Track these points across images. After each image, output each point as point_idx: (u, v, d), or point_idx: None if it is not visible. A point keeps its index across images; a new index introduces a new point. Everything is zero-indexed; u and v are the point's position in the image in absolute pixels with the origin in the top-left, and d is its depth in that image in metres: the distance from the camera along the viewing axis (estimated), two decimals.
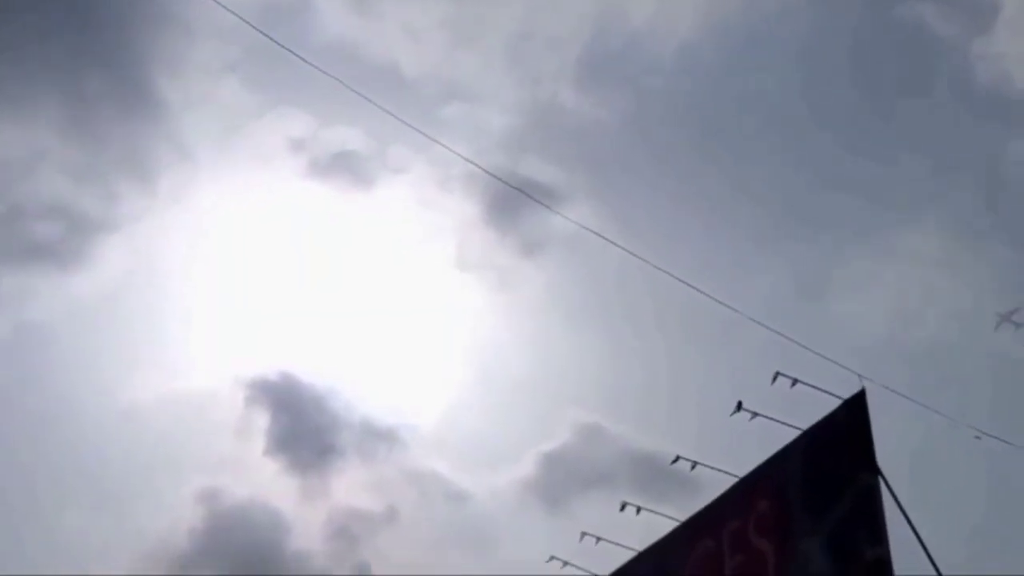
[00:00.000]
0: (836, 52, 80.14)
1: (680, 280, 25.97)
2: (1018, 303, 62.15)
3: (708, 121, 79.08)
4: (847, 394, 24.56)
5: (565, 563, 30.60)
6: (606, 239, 26.15)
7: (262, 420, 64.91)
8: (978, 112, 77.30)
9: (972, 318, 70.43)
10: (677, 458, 27.60)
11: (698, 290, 26.14)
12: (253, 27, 28.17)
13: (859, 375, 24.47)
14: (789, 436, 25.69)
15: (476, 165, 31.76)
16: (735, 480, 27.13)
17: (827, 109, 78.92)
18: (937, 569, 22.01)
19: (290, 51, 28.51)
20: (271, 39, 28.46)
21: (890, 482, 22.76)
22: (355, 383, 72.94)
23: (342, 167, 74.90)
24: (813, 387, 25.20)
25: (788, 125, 79.54)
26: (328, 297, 73.69)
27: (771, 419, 25.54)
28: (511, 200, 70.95)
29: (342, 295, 73.65)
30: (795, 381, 25.34)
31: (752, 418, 25.65)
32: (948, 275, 72.50)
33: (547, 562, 29.53)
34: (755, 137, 79.24)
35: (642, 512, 29.38)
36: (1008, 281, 71.75)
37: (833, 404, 24.82)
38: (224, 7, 26.59)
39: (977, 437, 27.43)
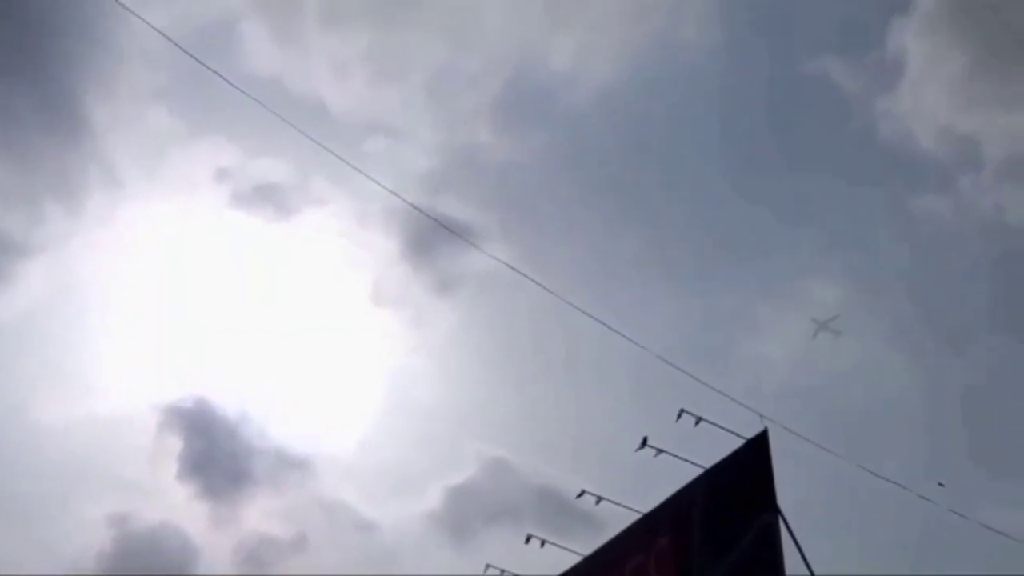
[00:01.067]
0: (747, 105, 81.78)
1: (589, 316, 25.81)
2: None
3: (622, 166, 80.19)
4: (750, 434, 24.51)
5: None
6: (520, 272, 25.89)
7: (176, 445, 64.41)
8: (883, 166, 79.05)
9: (871, 365, 71.66)
10: (582, 492, 27.34)
11: (606, 326, 25.99)
12: (186, 52, 27.61)
13: (761, 416, 24.46)
14: (693, 473, 25.57)
15: (400, 197, 31.26)
16: (638, 516, 26.94)
17: (736, 160, 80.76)
18: None
19: (221, 76, 28.01)
20: (203, 64, 27.91)
21: (789, 521, 22.70)
22: (270, 411, 72.74)
23: (265, 197, 74.90)
24: (717, 426, 25.14)
25: (698, 174, 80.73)
26: (247, 325, 72.86)
27: (675, 456, 25.40)
28: (428, 237, 70.97)
29: (261, 324, 73.02)
30: (699, 419, 25.32)
31: (657, 455, 25.49)
32: (849, 323, 73.78)
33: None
34: (666, 184, 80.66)
35: (546, 545, 29.03)
36: (901, 329, 73.26)
37: (736, 444, 24.75)
38: (157, 30, 26.19)
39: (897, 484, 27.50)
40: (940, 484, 28.15)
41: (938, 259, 76.12)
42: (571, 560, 28.94)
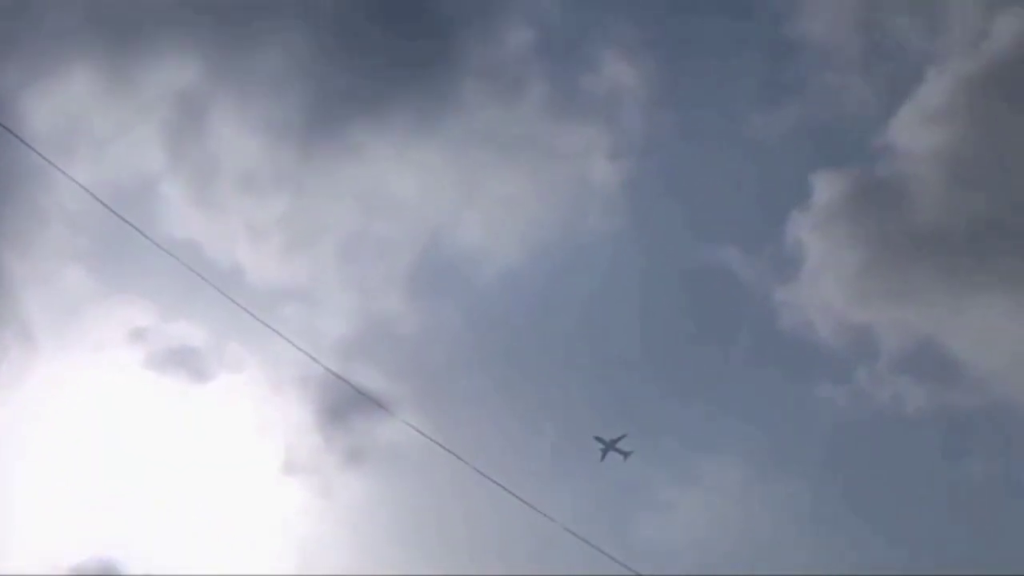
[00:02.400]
0: (649, 289, 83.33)
1: (497, 484, 25.70)
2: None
3: (527, 343, 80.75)
4: None
5: None
6: (435, 441, 25.81)
7: None
8: (781, 354, 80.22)
9: (770, 543, 71.46)
10: None
11: (515, 495, 25.86)
12: (109, 208, 27.73)
13: None
14: None
15: (330, 370, 31.03)
16: None
17: (639, 339, 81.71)
18: None
19: (144, 235, 28.16)
20: (126, 220, 28.03)
21: None
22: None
23: (180, 360, 74.84)
24: None
25: (600, 352, 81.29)
26: (157, 489, 70.82)
27: None
28: (340, 407, 70.96)
29: (171, 488, 71.08)
30: None
31: None
32: (747, 503, 73.91)
33: None
34: (570, 361, 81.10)
35: None
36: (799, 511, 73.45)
37: None
38: (83, 187, 26.37)
39: None
40: None
41: (836, 444, 76.82)
42: None
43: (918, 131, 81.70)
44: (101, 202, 27.76)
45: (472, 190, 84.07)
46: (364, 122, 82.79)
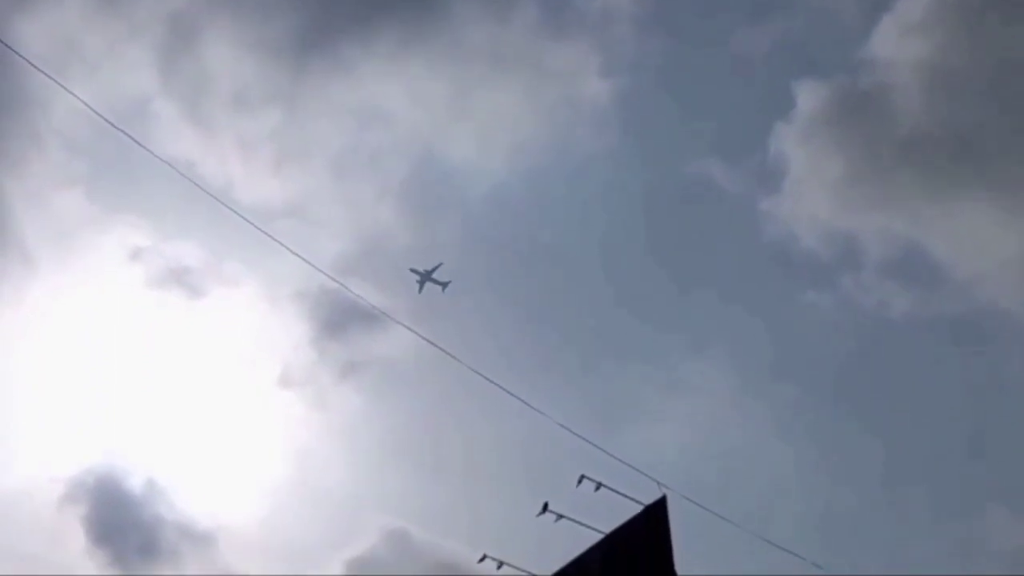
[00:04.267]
0: (634, 203, 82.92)
1: (489, 380, 24.94)
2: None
3: (519, 257, 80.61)
4: (649, 501, 23.67)
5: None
6: (431, 342, 24.94)
7: (83, 513, 63.09)
8: (767, 264, 79.98)
9: (759, 443, 71.69)
10: (484, 557, 26.04)
11: (507, 391, 25.13)
12: (109, 122, 26.71)
13: (659, 483, 23.67)
14: (594, 539, 24.56)
15: (334, 279, 29.91)
16: None
17: (625, 252, 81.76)
18: None
19: (146, 148, 27.13)
20: (127, 134, 27.02)
21: None
22: (177, 485, 70.27)
23: (177, 278, 74.05)
24: (616, 492, 24.24)
25: (588, 268, 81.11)
26: (157, 401, 71.25)
27: (575, 521, 24.37)
28: (336, 321, 70.56)
29: (171, 401, 71.40)
30: (599, 485, 24.39)
31: (557, 520, 24.42)
32: (735, 409, 73.97)
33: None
34: (560, 275, 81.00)
35: None
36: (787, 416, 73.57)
37: (636, 510, 23.85)
38: (82, 100, 25.36)
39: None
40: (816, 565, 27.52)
41: (823, 349, 76.84)
42: None
43: (900, 42, 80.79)
44: (103, 117, 26.70)
45: (464, 106, 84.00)
46: (355, 39, 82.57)
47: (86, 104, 26.29)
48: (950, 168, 77.23)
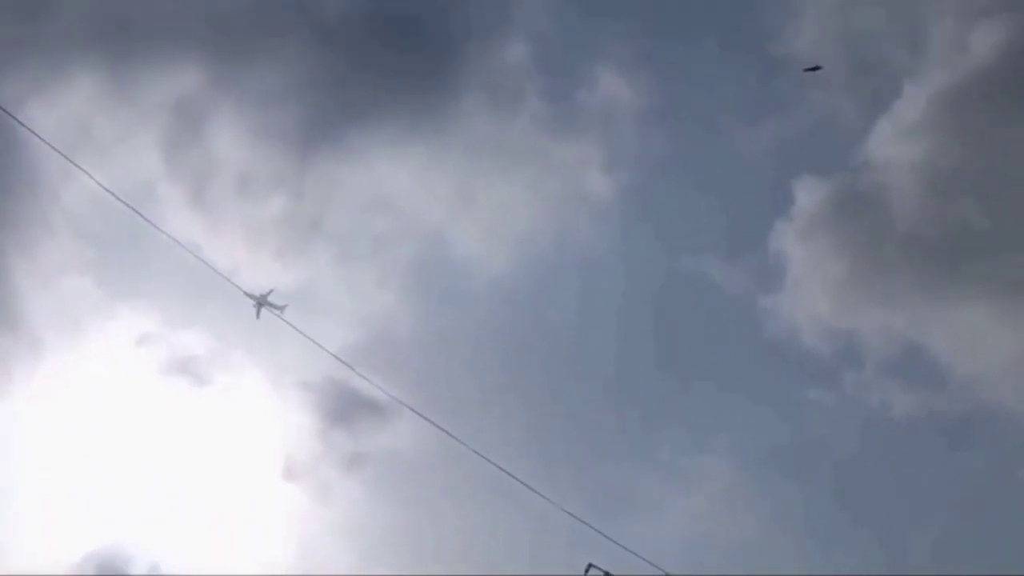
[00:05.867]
0: (638, 297, 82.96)
1: (498, 467, 24.42)
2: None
3: (522, 347, 79.92)
4: None
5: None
6: (437, 425, 24.45)
7: None
8: (768, 360, 79.56)
9: (759, 544, 70.54)
10: None
11: (517, 479, 24.59)
12: (128, 205, 26.61)
13: (666, 573, 23.10)
14: None
15: (350, 367, 29.59)
16: None
17: (629, 346, 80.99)
18: None
19: (158, 228, 26.87)
20: (141, 215, 26.81)
21: None
22: (180, 573, 69.37)
23: (184, 366, 73.90)
24: None
25: (588, 361, 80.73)
26: (160, 488, 70.08)
27: None
28: (340, 412, 70.26)
29: (174, 488, 70.32)
30: (606, 574, 23.66)
31: None
32: (737, 506, 73.22)
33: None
34: (561, 367, 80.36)
35: None
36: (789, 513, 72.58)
37: None
38: (97, 181, 25.23)
39: None
40: None
41: (826, 447, 76.50)
42: None
43: (896, 142, 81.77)
44: (118, 198, 26.55)
45: (469, 195, 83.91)
46: (362, 126, 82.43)
47: (101, 185, 26.23)
48: (949, 268, 77.70)
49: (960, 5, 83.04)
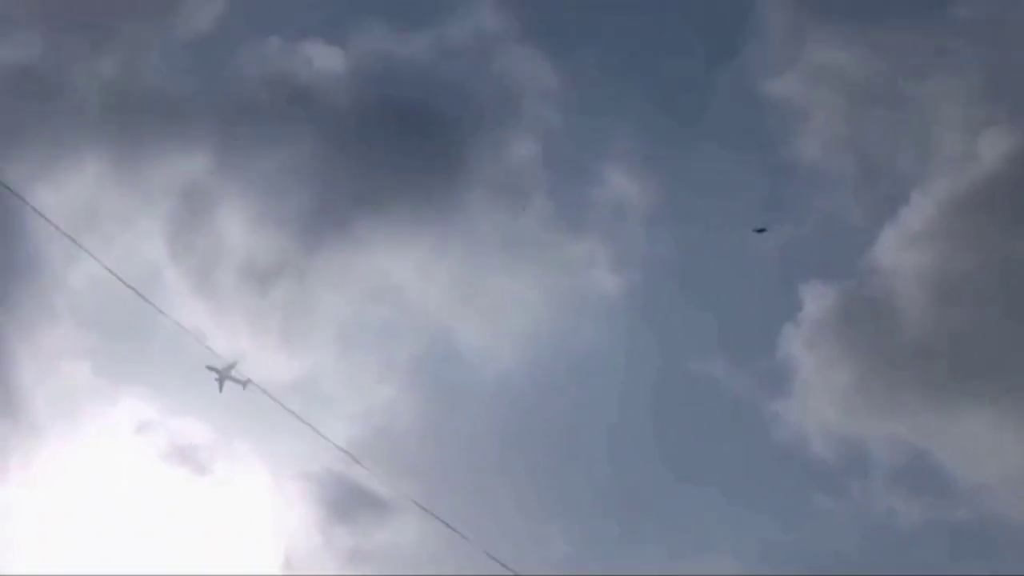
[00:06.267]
0: (639, 396, 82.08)
1: (502, 565, 23.37)
2: None
3: (526, 444, 78.88)
4: None
5: None
6: (443, 521, 23.49)
7: None
8: (774, 466, 78.83)
9: None
10: None
11: None
12: (136, 291, 26.07)
13: None
14: None
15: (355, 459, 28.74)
16: None
17: (632, 451, 79.79)
18: None
19: (162, 312, 26.29)
20: (148, 300, 26.28)
21: None
22: None
23: (183, 455, 73.33)
24: None
25: (594, 462, 79.58)
26: None
27: None
28: (341, 506, 69.51)
29: None
30: None
31: None
32: None
33: None
34: (567, 468, 79.04)
35: None
36: None
37: None
38: (103, 264, 24.74)
39: None
40: None
41: (832, 556, 74.58)
42: None
43: (903, 249, 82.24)
44: (123, 281, 25.99)
45: (474, 289, 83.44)
46: (368, 219, 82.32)
47: (109, 270, 25.77)
48: (956, 376, 77.00)
49: (967, 113, 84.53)
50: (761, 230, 70.71)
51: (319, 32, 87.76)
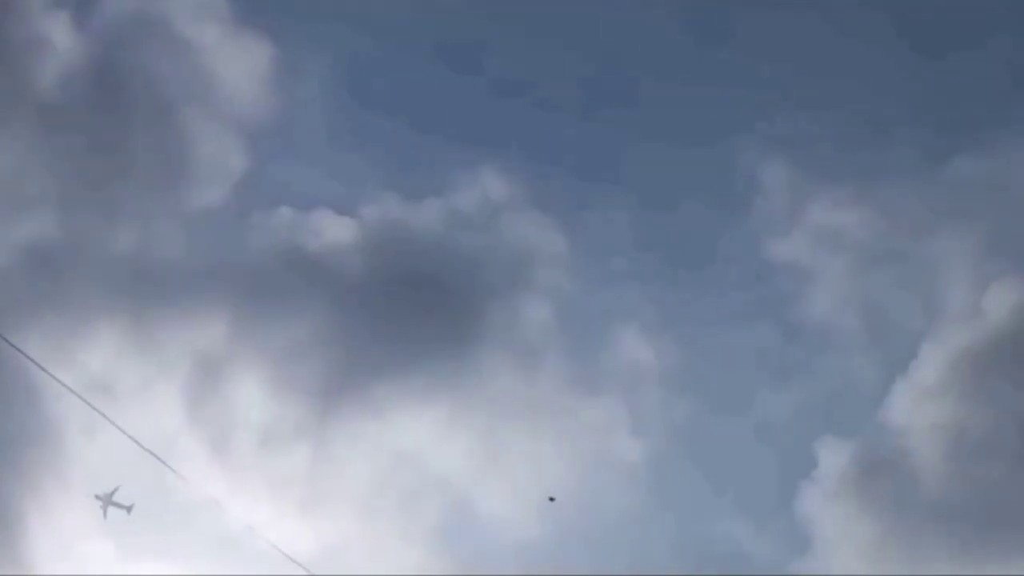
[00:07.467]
0: (660, 560, 79.82)
1: None
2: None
3: None
4: None
5: None
6: None
7: None
8: None
9: None
10: None
11: None
12: (158, 459, 25.39)
13: None
14: None
15: None
16: None
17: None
18: None
19: (183, 477, 25.73)
20: (171, 468, 25.70)
21: None
22: None
23: None
24: None
25: None
26: None
27: None
28: None
29: None
30: None
31: None
32: None
33: None
34: None
35: None
36: None
37: None
38: (132, 438, 24.09)
39: None
40: None
41: None
42: None
43: (916, 405, 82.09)
44: (148, 450, 25.51)
45: (494, 453, 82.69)
46: (385, 384, 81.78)
47: (133, 440, 25.12)
48: (976, 532, 76.03)
49: (974, 267, 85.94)
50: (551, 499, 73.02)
51: (330, 204, 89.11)
